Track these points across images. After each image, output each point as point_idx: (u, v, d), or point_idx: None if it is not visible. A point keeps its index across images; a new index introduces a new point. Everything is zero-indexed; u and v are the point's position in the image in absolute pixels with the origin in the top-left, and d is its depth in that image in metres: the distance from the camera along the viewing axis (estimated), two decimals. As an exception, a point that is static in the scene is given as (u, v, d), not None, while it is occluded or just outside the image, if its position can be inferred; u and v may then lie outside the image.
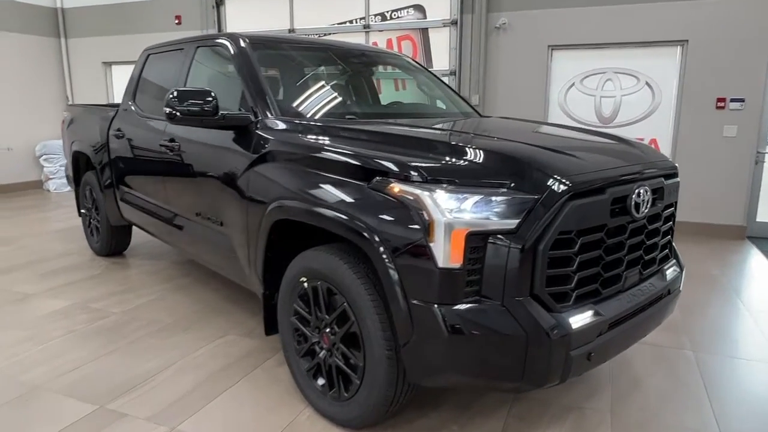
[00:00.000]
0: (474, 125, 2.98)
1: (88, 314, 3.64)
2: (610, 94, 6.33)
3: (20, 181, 8.96)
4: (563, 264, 1.95)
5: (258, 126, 2.72)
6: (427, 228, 1.86)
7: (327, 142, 2.36)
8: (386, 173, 2.01)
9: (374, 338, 2.07)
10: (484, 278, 1.89)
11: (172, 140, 3.39)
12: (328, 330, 2.30)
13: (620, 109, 6.33)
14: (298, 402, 2.52)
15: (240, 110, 2.85)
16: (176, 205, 3.56)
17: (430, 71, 4.14)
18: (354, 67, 3.74)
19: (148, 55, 4.19)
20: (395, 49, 7.08)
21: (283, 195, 2.42)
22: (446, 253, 1.84)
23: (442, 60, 6.94)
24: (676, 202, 2.59)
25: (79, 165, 5.11)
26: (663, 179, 2.37)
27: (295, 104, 2.93)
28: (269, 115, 2.72)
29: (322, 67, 3.53)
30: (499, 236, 1.85)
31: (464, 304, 1.87)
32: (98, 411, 2.47)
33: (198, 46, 3.50)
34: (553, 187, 1.89)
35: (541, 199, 1.88)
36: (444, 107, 3.79)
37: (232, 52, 3.09)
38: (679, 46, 6.02)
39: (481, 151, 2.08)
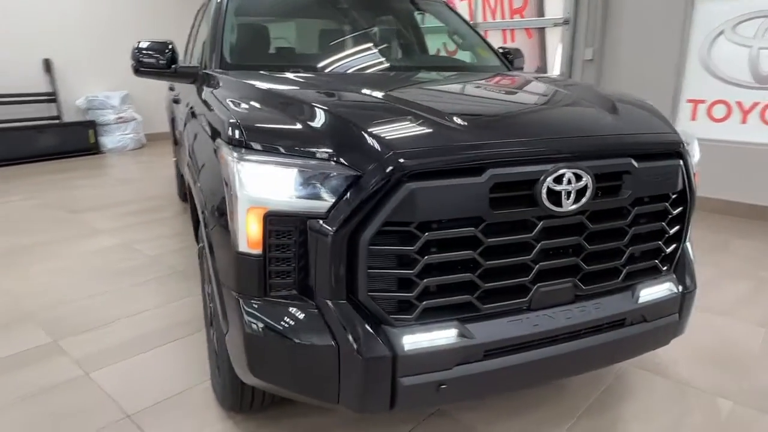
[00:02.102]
0: (408, 81, 2.44)
1: (124, 254, 3.98)
2: (774, 45, 4.81)
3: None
4: (400, 265, 1.48)
5: (198, 79, 2.58)
6: (231, 201, 1.54)
7: (216, 98, 2.12)
8: (220, 133, 1.72)
9: (218, 321, 1.85)
10: (298, 272, 1.52)
11: (176, 98, 3.44)
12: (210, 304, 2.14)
13: (788, 65, 4.78)
14: (204, 373, 2.42)
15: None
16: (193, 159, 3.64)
17: (461, 18, 3.51)
18: (344, 13, 3.32)
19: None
20: (506, -4, 6.28)
21: (189, 155, 2.28)
22: (243, 235, 1.51)
23: (555, 6, 5.96)
24: (686, 194, 1.81)
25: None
26: (633, 160, 1.65)
27: (242, 56, 2.70)
28: (209, 67, 2.55)
29: (300, 17, 3.21)
30: (314, 220, 1.46)
31: (267, 300, 1.54)
32: (48, 345, 2.68)
33: None
34: (379, 162, 1.42)
35: (362, 177, 1.43)
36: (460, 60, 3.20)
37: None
38: None
39: (324, 114, 1.65)
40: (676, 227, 1.87)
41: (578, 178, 1.56)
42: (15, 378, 2.41)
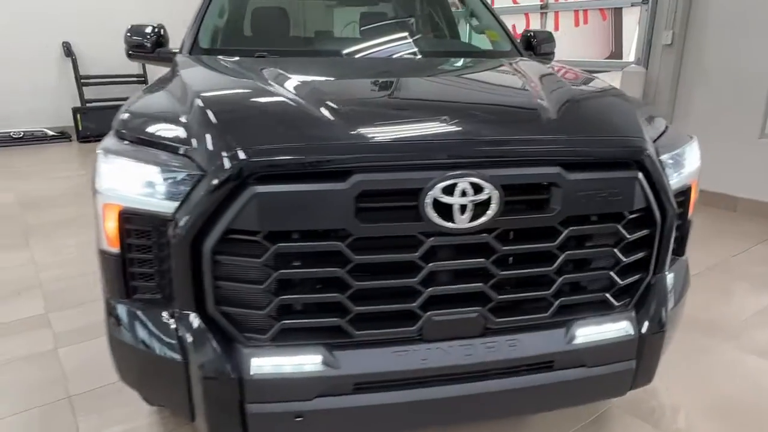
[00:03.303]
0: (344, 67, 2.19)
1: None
2: None
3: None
4: (250, 278, 1.30)
5: (174, 63, 2.53)
6: (93, 196, 1.46)
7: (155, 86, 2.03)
8: None
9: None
10: (160, 275, 1.41)
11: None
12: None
13: None
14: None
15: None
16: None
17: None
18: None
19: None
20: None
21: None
22: (102, 233, 1.42)
23: (634, -16, 5.28)
24: (652, 213, 1.45)
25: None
26: (562, 170, 1.33)
27: (215, 40, 2.59)
28: (182, 52, 2.49)
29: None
30: (163, 222, 1.33)
31: (130, 302, 1.44)
32: (39, 316, 2.82)
33: None
34: (221, 161, 1.25)
35: (206, 177, 1.27)
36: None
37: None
38: None
39: (198, 104, 1.48)
40: (640, 254, 1.51)
41: (478, 189, 1.27)
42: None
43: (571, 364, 1.46)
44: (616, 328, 1.50)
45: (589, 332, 1.47)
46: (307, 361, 1.33)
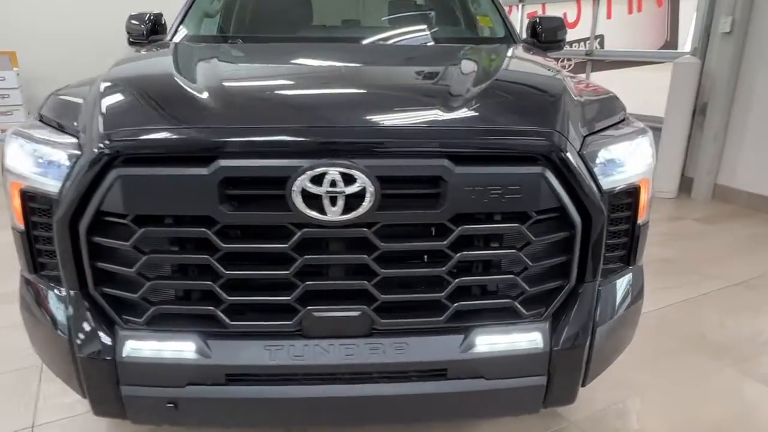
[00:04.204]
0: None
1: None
2: None
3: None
4: (123, 261, 1.30)
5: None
6: (2, 173, 1.51)
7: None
8: None
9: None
10: (55, 254, 1.44)
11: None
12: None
13: None
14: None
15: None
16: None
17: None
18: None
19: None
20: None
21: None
22: (11, 209, 1.47)
23: (693, -34, 4.81)
24: (567, 215, 1.31)
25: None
26: (449, 162, 1.22)
27: (198, 26, 2.61)
28: (168, 39, 2.54)
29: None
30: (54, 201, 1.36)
31: (36, 277, 1.49)
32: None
33: None
34: (92, 142, 1.25)
35: (79, 158, 1.28)
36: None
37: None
38: None
39: (98, 90, 1.47)
40: (555, 260, 1.36)
41: (350, 180, 1.19)
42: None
43: (467, 374, 1.35)
44: (522, 340, 1.36)
45: (489, 341, 1.35)
46: (180, 348, 1.31)
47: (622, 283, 1.56)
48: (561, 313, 1.41)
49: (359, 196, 1.21)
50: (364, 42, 2.33)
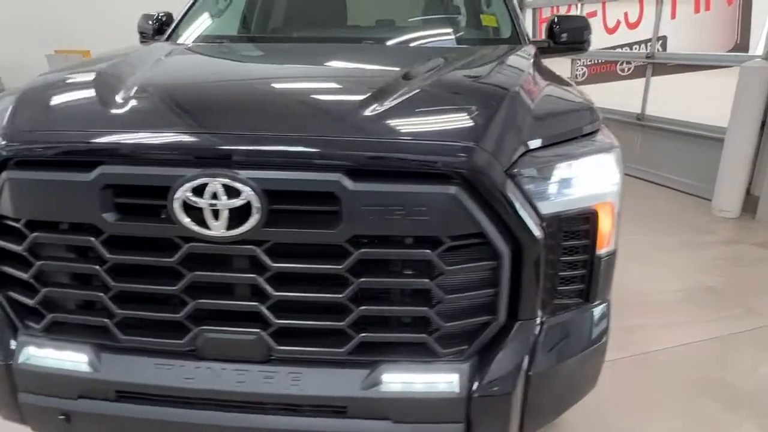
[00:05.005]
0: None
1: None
2: None
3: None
4: (19, 266, 1.27)
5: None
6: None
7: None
8: None
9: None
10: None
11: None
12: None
13: None
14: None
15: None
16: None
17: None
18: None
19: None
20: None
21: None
22: None
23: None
24: (488, 242, 1.14)
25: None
26: (344, 177, 1.08)
27: (193, 26, 2.57)
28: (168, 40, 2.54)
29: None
30: None
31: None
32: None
33: None
34: (-9, 143, 1.22)
35: None
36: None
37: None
38: None
39: (24, 89, 1.44)
40: (478, 292, 1.18)
41: (235, 192, 1.09)
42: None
43: (371, 414, 1.20)
44: (435, 381, 1.19)
45: (397, 380, 1.19)
46: (73, 359, 1.26)
47: (578, 322, 1.35)
48: (489, 353, 1.23)
49: (245, 210, 1.10)
50: (339, 44, 2.20)
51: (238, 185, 1.08)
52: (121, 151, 1.14)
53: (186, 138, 1.14)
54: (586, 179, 1.26)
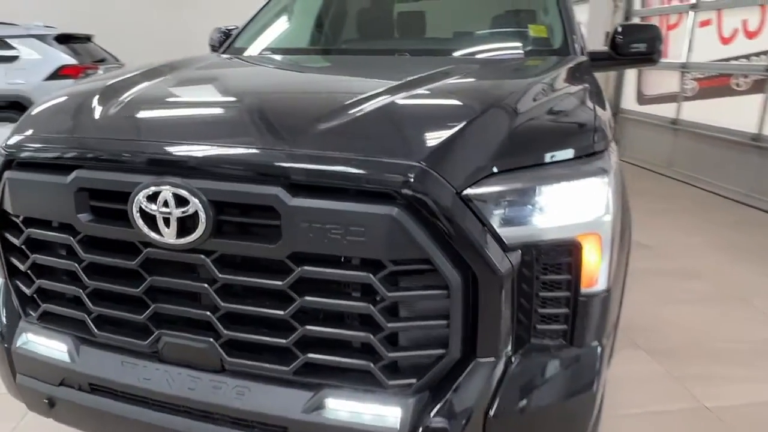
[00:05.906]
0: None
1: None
2: None
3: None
4: (19, 258, 1.39)
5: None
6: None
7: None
8: None
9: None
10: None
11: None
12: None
13: None
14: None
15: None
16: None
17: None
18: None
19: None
20: None
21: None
22: None
23: None
24: (437, 270, 1.05)
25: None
26: (283, 192, 1.06)
27: (253, 38, 2.65)
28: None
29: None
30: None
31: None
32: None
33: None
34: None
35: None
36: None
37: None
38: None
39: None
40: (426, 323, 1.09)
41: (182, 201, 1.11)
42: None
43: (300, 432, 1.15)
44: (376, 413, 1.12)
45: (339, 407, 1.13)
46: (56, 348, 1.36)
47: (558, 366, 1.19)
48: (440, 390, 1.13)
49: (194, 219, 1.11)
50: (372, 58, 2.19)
51: (186, 194, 1.10)
52: (88, 156, 1.21)
53: (139, 146, 1.19)
54: (567, 206, 1.11)
